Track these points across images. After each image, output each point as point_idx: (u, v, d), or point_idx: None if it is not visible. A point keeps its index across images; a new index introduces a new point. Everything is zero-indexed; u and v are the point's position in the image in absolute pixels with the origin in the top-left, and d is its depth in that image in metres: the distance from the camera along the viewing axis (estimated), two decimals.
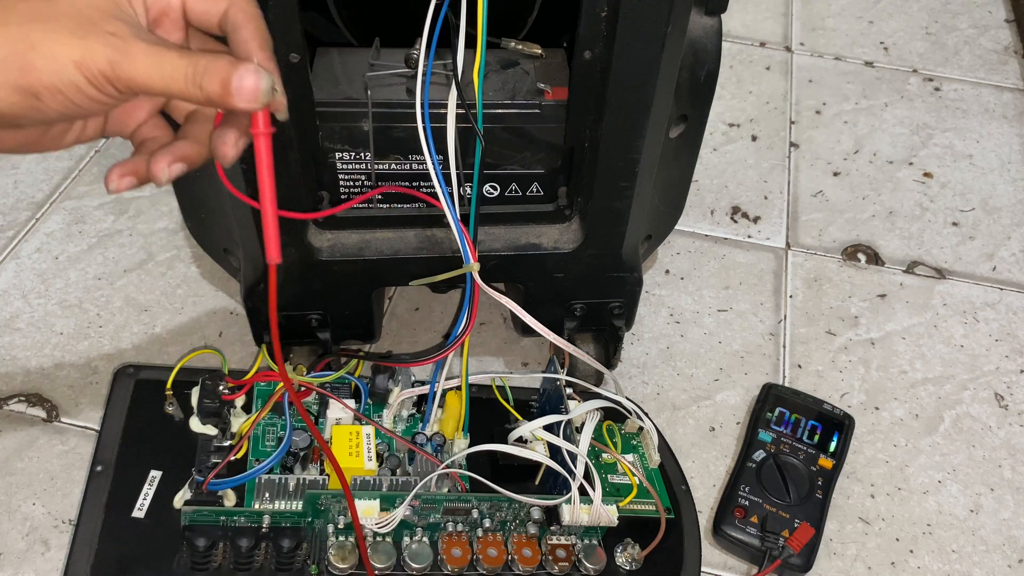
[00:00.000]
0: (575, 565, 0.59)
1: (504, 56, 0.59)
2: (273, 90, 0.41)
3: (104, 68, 0.39)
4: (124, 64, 0.40)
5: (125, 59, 0.40)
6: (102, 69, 0.39)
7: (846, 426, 0.71)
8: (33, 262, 0.81)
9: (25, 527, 0.63)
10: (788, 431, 0.70)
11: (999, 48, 1.13)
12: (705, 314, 0.81)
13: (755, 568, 0.64)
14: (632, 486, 0.63)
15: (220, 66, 0.40)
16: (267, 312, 0.64)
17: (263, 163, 0.43)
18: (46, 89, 0.39)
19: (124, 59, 0.39)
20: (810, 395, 0.73)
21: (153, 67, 0.40)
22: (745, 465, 0.67)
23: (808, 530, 0.63)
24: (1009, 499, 0.69)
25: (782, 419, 0.70)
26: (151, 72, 0.40)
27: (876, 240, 0.89)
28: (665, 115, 0.58)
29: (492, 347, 0.77)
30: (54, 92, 0.40)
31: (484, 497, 0.59)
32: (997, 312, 0.83)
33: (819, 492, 0.66)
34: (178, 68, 0.40)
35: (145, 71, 0.40)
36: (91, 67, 0.39)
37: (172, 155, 0.45)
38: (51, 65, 0.39)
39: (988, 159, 0.98)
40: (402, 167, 0.58)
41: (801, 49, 1.12)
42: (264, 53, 0.43)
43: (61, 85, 0.39)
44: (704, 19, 0.59)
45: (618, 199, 0.60)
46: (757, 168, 0.95)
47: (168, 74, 0.40)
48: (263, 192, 0.43)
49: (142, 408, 0.65)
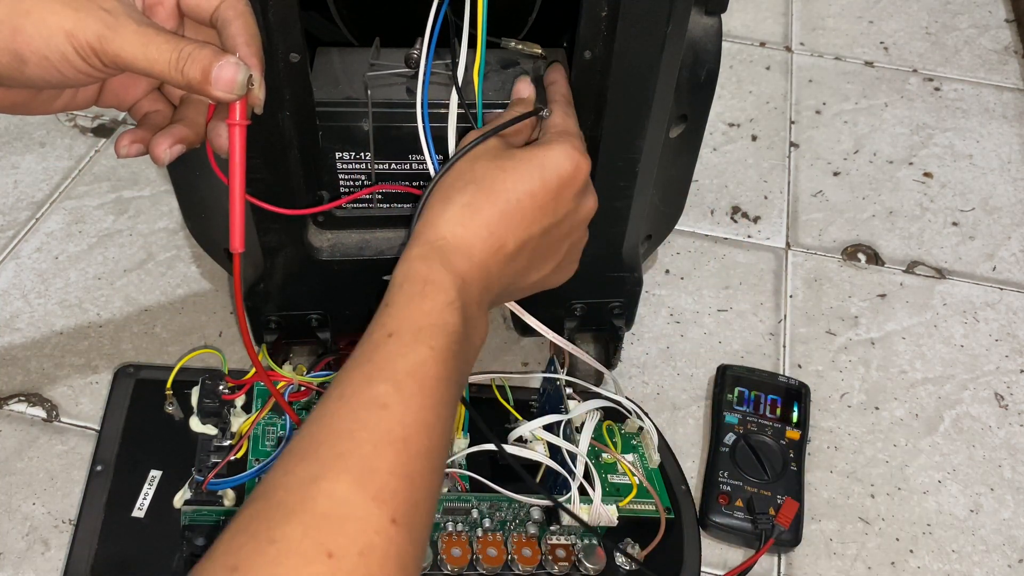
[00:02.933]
0: (575, 565, 0.59)
1: (504, 56, 0.59)
2: (250, 84, 0.43)
3: (92, 41, 0.41)
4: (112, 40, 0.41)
5: (114, 35, 0.41)
6: (90, 41, 0.41)
7: (803, 395, 0.72)
8: (33, 262, 0.81)
9: (25, 527, 0.63)
10: (751, 409, 0.70)
11: (999, 48, 1.13)
12: (705, 314, 0.81)
13: (751, 553, 0.64)
14: (632, 486, 0.63)
15: (203, 55, 0.42)
16: (267, 312, 0.64)
17: (236, 153, 0.45)
18: (33, 54, 0.41)
19: (113, 35, 0.41)
20: (763, 370, 0.74)
21: (139, 47, 0.41)
22: (718, 450, 0.68)
23: (792, 504, 0.64)
24: (1009, 499, 0.69)
25: (743, 398, 0.71)
26: (136, 51, 0.41)
27: (876, 240, 0.89)
28: (665, 115, 0.58)
29: (492, 347, 0.77)
30: (40, 58, 0.41)
31: (484, 497, 0.59)
32: (997, 312, 0.83)
33: (793, 464, 0.67)
34: (163, 51, 0.42)
35: (131, 49, 0.41)
36: (80, 38, 0.41)
37: (172, 138, 0.47)
38: (42, 32, 0.41)
39: (988, 159, 0.98)
40: (402, 167, 0.58)
41: (801, 49, 1.12)
42: (249, 49, 0.44)
43: (48, 52, 0.41)
44: (704, 19, 0.59)
45: (618, 199, 0.60)
46: (757, 168, 0.95)
47: (153, 56, 0.42)
48: (233, 181, 0.45)
49: (142, 408, 0.65)
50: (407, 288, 0.45)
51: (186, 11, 0.46)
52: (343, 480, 0.38)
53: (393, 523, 0.38)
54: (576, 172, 0.50)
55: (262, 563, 0.35)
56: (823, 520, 0.67)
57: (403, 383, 0.42)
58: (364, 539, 0.37)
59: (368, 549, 0.36)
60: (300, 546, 0.36)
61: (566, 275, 0.56)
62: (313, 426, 0.41)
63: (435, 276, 0.45)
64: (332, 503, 0.37)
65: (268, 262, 0.61)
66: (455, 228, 0.47)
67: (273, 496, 0.38)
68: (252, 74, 0.43)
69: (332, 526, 0.36)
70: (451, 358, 0.44)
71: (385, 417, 0.40)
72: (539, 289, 0.55)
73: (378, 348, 0.43)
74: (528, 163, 0.49)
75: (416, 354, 0.43)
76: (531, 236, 0.49)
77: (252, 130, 0.46)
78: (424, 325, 0.44)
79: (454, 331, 0.44)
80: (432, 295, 0.45)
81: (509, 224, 0.48)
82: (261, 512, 0.38)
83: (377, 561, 0.37)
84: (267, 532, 0.36)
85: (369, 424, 0.40)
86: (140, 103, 0.50)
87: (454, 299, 0.45)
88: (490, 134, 0.51)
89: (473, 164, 0.49)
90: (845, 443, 0.72)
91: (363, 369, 0.42)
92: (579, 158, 0.50)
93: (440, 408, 0.42)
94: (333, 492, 0.37)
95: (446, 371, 0.43)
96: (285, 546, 0.36)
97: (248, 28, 0.44)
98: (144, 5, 0.45)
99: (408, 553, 0.38)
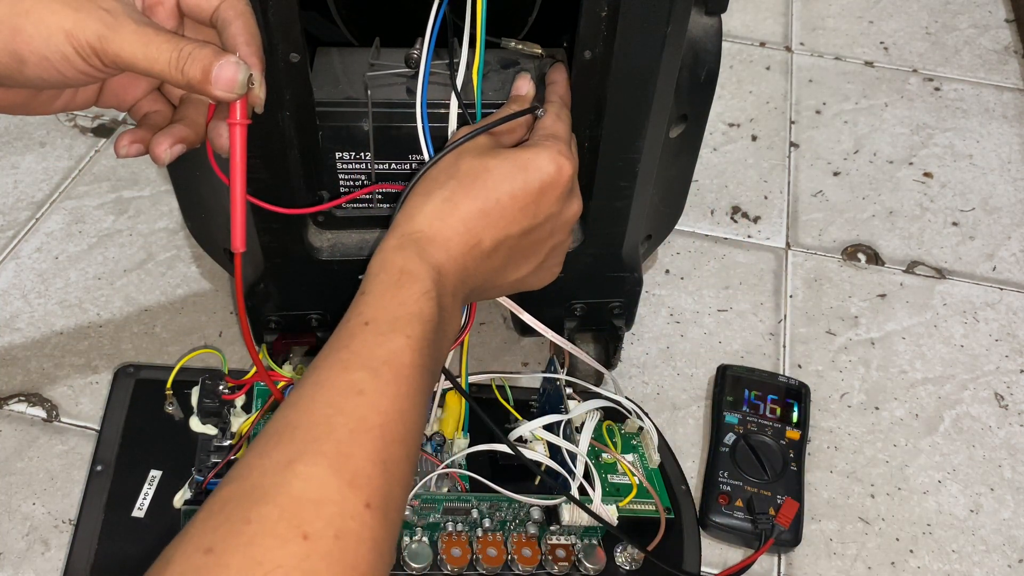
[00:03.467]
0: (575, 565, 0.59)
1: (504, 56, 0.59)
2: (250, 83, 0.43)
3: (92, 41, 0.41)
4: (112, 40, 0.41)
5: (114, 35, 0.41)
6: (90, 41, 0.41)
7: (803, 395, 0.72)
8: (33, 262, 0.81)
9: (25, 527, 0.63)
10: (751, 410, 0.70)
11: (999, 48, 1.13)
12: (705, 314, 0.81)
13: (750, 553, 0.64)
14: (632, 486, 0.63)
15: (203, 54, 0.42)
16: (267, 312, 0.64)
17: (236, 152, 0.45)
18: (33, 55, 0.41)
19: (113, 35, 0.41)
20: (763, 370, 0.74)
21: (139, 46, 0.41)
22: (718, 451, 0.68)
23: (792, 504, 0.64)
24: (1009, 499, 0.69)
25: (743, 398, 0.71)
26: (136, 51, 0.41)
27: (876, 240, 0.89)
28: (665, 115, 0.58)
29: (492, 347, 0.77)
30: (40, 59, 0.41)
31: (484, 497, 0.59)
32: (997, 312, 0.83)
33: (793, 464, 0.67)
34: (163, 51, 0.42)
35: (131, 49, 0.41)
36: (80, 38, 0.41)
37: (172, 137, 0.47)
38: (41, 32, 0.41)
39: (988, 159, 0.98)
40: (402, 167, 0.58)
41: (801, 49, 1.12)
42: (249, 48, 0.44)
43: (48, 52, 0.41)
44: (704, 19, 0.59)
45: (618, 199, 0.60)
46: (757, 168, 0.95)
47: (153, 55, 0.42)
48: (234, 180, 0.46)
49: (142, 408, 0.65)
50: (383, 277, 0.46)
51: (186, 11, 0.46)
52: (319, 464, 0.38)
53: (368, 508, 0.38)
54: (559, 176, 0.50)
55: (237, 544, 0.35)
56: (823, 520, 0.67)
57: (379, 370, 0.42)
58: (339, 523, 0.37)
59: (343, 532, 0.37)
60: (275, 528, 0.36)
61: (548, 277, 0.56)
62: (289, 411, 0.41)
63: (411, 266, 0.46)
64: (308, 486, 0.37)
65: (268, 262, 0.61)
66: (433, 221, 0.47)
67: (248, 478, 0.38)
68: (252, 73, 0.43)
69: (308, 509, 0.37)
70: (426, 347, 0.44)
71: (361, 404, 0.40)
72: (520, 289, 0.55)
73: (354, 336, 0.43)
74: (512, 164, 0.49)
75: (392, 343, 0.43)
76: (509, 236, 0.49)
77: (252, 130, 0.46)
78: (400, 315, 0.44)
79: (429, 320, 0.45)
80: (408, 285, 0.45)
81: (487, 222, 0.48)
82: (235, 494, 0.37)
83: (352, 545, 0.37)
84: (242, 513, 0.36)
85: (346, 410, 0.40)
86: (140, 103, 0.50)
87: (430, 289, 0.45)
88: (480, 131, 0.51)
89: (458, 160, 0.50)
90: (845, 443, 0.72)
91: (339, 356, 0.42)
92: (563, 162, 0.50)
93: (415, 396, 0.43)
94: (309, 476, 0.38)
95: (421, 359, 0.43)
96: (260, 527, 0.36)
97: (248, 28, 0.45)
98: (144, 5, 0.45)
99: (382, 538, 0.38)
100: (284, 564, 0.35)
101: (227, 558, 0.35)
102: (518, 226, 0.49)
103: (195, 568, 0.35)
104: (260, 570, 0.34)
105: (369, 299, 0.45)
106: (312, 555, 0.35)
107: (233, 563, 0.35)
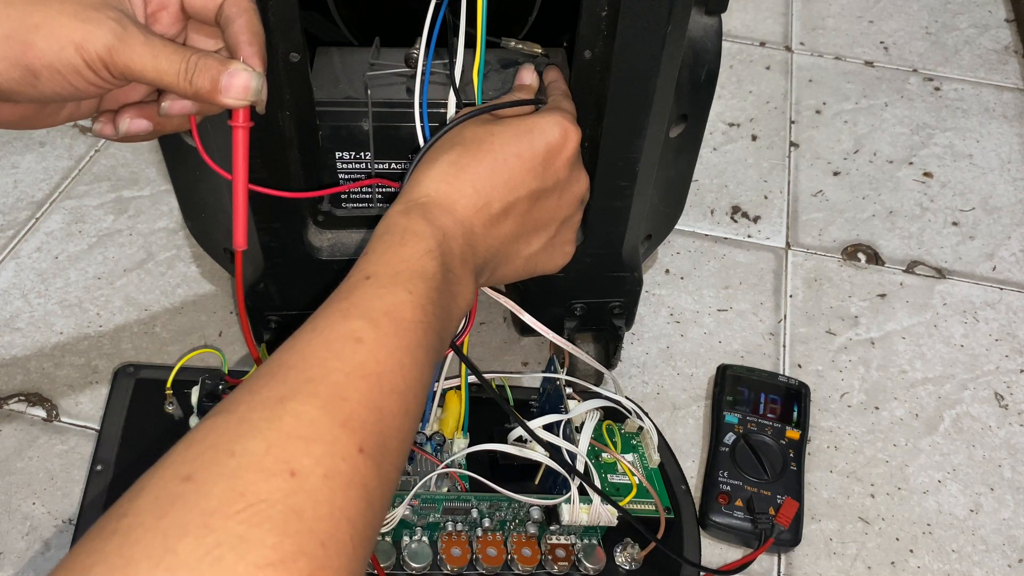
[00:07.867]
0: (575, 565, 0.59)
1: (504, 56, 0.59)
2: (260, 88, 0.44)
3: (102, 53, 0.41)
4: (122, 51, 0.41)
5: (123, 46, 0.41)
6: (100, 54, 0.41)
7: (803, 395, 0.72)
8: (33, 262, 0.81)
9: (25, 527, 0.63)
10: (751, 409, 0.70)
11: (999, 48, 1.13)
12: (705, 314, 0.81)
13: (750, 552, 0.64)
14: (632, 486, 0.63)
15: (210, 64, 0.42)
16: (267, 311, 0.64)
17: (239, 154, 0.45)
18: (45, 68, 0.41)
19: (123, 46, 0.41)
20: (763, 370, 0.74)
21: (149, 58, 0.42)
22: (718, 450, 0.68)
23: (792, 504, 0.64)
24: (1009, 499, 0.69)
25: (743, 398, 0.71)
26: (146, 63, 0.42)
27: (876, 240, 0.89)
28: (665, 115, 0.58)
29: (492, 347, 0.77)
30: (52, 72, 0.41)
31: (484, 497, 0.59)
32: (997, 312, 0.83)
33: (793, 464, 0.67)
34: (172, 62, 0.42)
35: (141, 61, 0.42)
36: (90, 50, 0.41)
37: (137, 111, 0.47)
38: (52, 46, 0.41)
39: (988, 159, 0.98)
40: (402, 167, 0.58)
41: (801, 49, 1.12)
42: (252, 48, 0.44)
43: (60, 66, 0.41)
44: (704, 19, 0.59)
45: (618, 199, 0.60)
46: (757, 168, 0.95)
47: (163, 67, 0.42)
48: (236, 181, 0.46)
49: (142, 408, 0.65)
50: (387, 238, 0.45)
51: (190, 11, 0.46)
52: (312, 403, 0.36)
53: (360, 452, 0.36)
54: (565, 139, 0.50)
55: (218, 473, 0.33)
56: (823, 520, 0.67)
57: (379, 321, 0.41)
58: (330, 462, 0.35)
59: (333, 473, 0.35)
60: (262, 461, 0.34)
61: (560, 258, 0.56)
62: (284, 354, 0.39)
63: (415, 226, 0.45)
64: (299, 424, 0.36)
65: (268, 262, 0.61)
66: (439, 185, 0.47)
67: (236, 411, 0.36)
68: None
69: (297, 445, 0.35)
70: (429, 305, 0.43)
71: (359, 351, 0.39)
72: (532, 272, 0.54)
73: (355, 289, 0.42)
74: (517, 127, 0.49)
75: (393, 296, 0.42)
76: (518, 199, 0.49)
77: (252, 130, 0.46)
78: (402, 270, 0.43)
79: (432, 278, 0.44)
80: (411, 243, 0.45)
81: (495, 183, 0.48)
82: (221, 425, 0.35)
83: (341, 487, 0.35)
84: (227, 445, 0.34)
85: (343, 355, 0.39)
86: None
87: (433, 248, 0.45)
88: (485, 110, 0.51)
89: (463, 129, 0.50)
90: (845, 443, 0.72)
91: (339, 306, 0.41)
92: (568, 127, 0.50)
93: (417, 351, 0.41)
94: (301, 413, 0.36)
95: (424, 316, 0.42)
96: (246, 460, 0.34)
97: (251, 26, 0.45)
98: (148, 12, 0.45)
99: (374, 487, 0.36)
100: (268, 499, 0.33)
101: (208, 487, 0.33)
102: (526, 188, 0.49)
103: (171, 496, 0.33)
104: (242, 501, 0.32)
105: (371, 256, 0.44)
106: (299, 492, 0.33)
107: (214, 492, 0.33)
